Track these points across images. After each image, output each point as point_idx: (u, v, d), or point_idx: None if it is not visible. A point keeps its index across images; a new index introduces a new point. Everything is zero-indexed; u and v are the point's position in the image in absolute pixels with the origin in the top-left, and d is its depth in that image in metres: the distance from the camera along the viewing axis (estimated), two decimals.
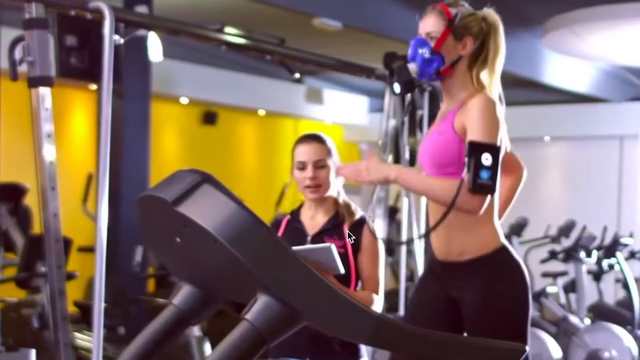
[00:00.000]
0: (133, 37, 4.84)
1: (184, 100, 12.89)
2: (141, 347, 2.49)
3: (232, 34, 5.02)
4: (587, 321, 8.48)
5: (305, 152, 3.80)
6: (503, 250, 3.44)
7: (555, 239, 10.19)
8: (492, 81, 3.51)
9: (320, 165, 3.79)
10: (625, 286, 9.61)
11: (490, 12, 3.55)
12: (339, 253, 3.63)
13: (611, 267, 9.48)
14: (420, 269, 6.31)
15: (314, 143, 3.81)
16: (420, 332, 2.31)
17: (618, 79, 13.13)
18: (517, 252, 3.19)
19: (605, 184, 13.50)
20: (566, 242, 9.90)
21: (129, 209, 8.25)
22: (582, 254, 8.72)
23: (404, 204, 6.52)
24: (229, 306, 2.53)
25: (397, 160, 6.21)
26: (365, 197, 11.80)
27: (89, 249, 7.49)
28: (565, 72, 12.28)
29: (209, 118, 13.41)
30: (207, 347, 6.42)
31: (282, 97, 13.79)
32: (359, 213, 3.87)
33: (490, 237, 3.45)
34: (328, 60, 5.86)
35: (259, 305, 2.12)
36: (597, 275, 9.77)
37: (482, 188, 3.19)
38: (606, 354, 7.99)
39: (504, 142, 3.44)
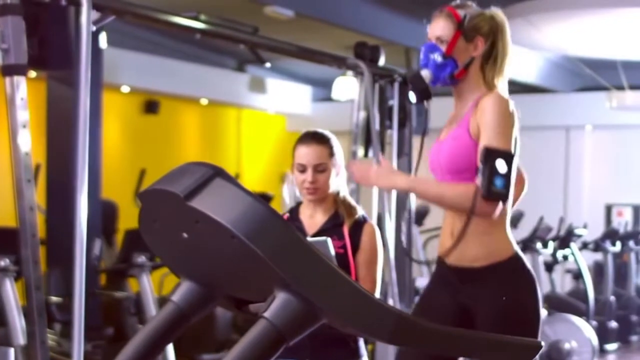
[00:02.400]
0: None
1: (125, 89, 12.68)
2: (140, 345, 2.38)
3: (207, 22, 4.86)
4: (544, 312, 8.49)
5: (306, 155, 3.72)
6: (516, 258, 3.41)
7: None
8: (500, 81, 3.46)
9: (320, 169, 3.71)
10: (577, 277, 9.70)
11: (497, 12, 3.51)
12: (338, 253, 3.59)
13: (565, 257, 9.55)
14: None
15: (315, 145, 3.72)
16: (440, 329, 2.26)
17: (565, 70, 13.20)
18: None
19: (551, 174, 13.51)
20: (517, 233, 9.94)
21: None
22: (539, 245, 8.77)
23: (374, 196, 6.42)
24: (229, 303, 2.44)
25: (367, 150, 6.14)
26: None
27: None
28: (513, 62, 12.29)
29: (151, 107, 13.21)
30: (169, 349, 6.26)
31: (224, 86, 13.64)
32: (359, 212, 3.80)
33: (504, 245, 3.41)
34: (299, 49, 5.76)
35: (278, 303, 2.05)
36: (550, 266, 9.85)
37: (496, 195, 3.16)
38: (567, 345, 8.03)
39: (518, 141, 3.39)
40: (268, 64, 5.38)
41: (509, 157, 3.16)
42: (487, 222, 3.31)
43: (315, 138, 3.75)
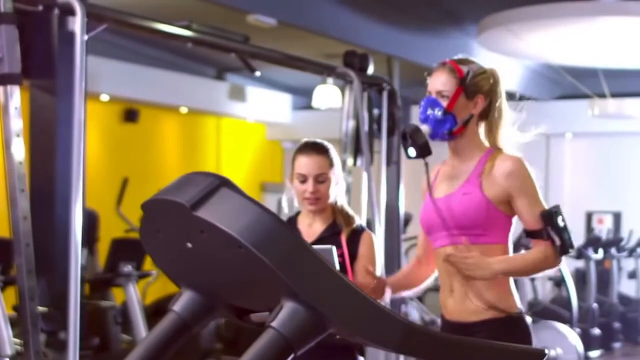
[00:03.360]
0: (65, 32, 4.70)
1: (105, 97, 12.62)
2: (142, 357, 2.37)
3: (199, 31, 4.85)
4: (528, 319, 8.51)
5: (306, 165, 3.74)
6: (519, 316, 3.45)
7: None
8: (504, 135, 3.49)
9: (321, 179, 3.73)
10: (558, 284, 9.72)
11: (495, 71, 3.50)
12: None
13: None
14: None
15: (315, 155, 3.75)
16: (447, 338, 2.26)
17: (545, 78, 13.24)
18: None
19: None
20: None
21: (63, 209, 8.00)
22: (522, 252, 8.77)
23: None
24: (231, 312, 2.43)
25: (356, 158, 6.14)
26: (288, 194, 11.71)
27: None
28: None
29: (130, 116, 13.15)
30: None
31: (204, 94, 13.60)
32: (357, 221, 3.82)
33: (508, 300, 3.45)
34: (290, 58, 5.75)
35: (286, 312, 2.05)
36: None
37: (569, 249, 3.41)
38: (552, 352, 8.05)
39: None
40: (258, 73, 5.37)
41: (560, 212, 3.40)
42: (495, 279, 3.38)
43: (315, 148, 3.77)
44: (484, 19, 9.70)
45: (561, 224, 3.35)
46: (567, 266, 10.03)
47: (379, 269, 3.79)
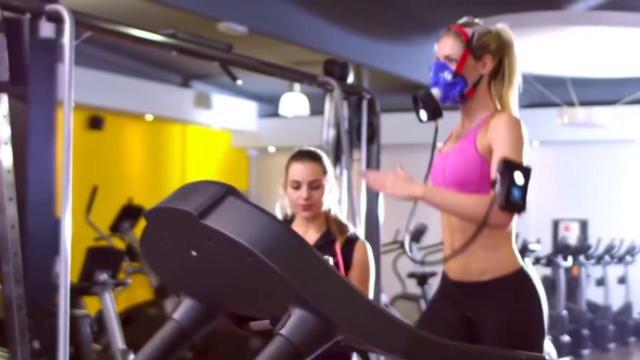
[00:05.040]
0: (37, 39, 4.67)
1: None
2: None
3: (183, 39, 4.83)
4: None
5: (300, 172, 3.77)
6: (522, 272, 3.42)
7: None
8: (511, 97, 3.49)
9: (315, 185, 3.77)
10: None
11: (504, 28, 3.52)
12: None
13: None
14: None
15: (309, 162, 3.79)
16: (452, 345, 2.30)
17: None
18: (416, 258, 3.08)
19: None
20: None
21: (36, 217, 7.92)
22: None
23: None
24: (230, 320, 2.42)
25: (336, 166, 6.13)
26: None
27: None
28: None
29: (95, 123, 13.05)
30: None
31: (170, 101, 13.53)
32: (350, 230, 3.85)
33: (511, 259, 3.43)
34: (270, 67, 5.74)
35: (295, 320, 2.08)
36: None
37: (513, 205, 3.09)
38: None
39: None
40: (240, 81, 5.35)
41: (526, 171, 3.10)
42: (493, 237, 3.33)
43: (309, 156, 3.81)
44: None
45: (518, 180, 3.07)
46: (537, 274, 10.09)
47: (373, 278, 3.79)
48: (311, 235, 3.81)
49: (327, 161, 3.84)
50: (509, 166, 3.10)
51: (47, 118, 8.71)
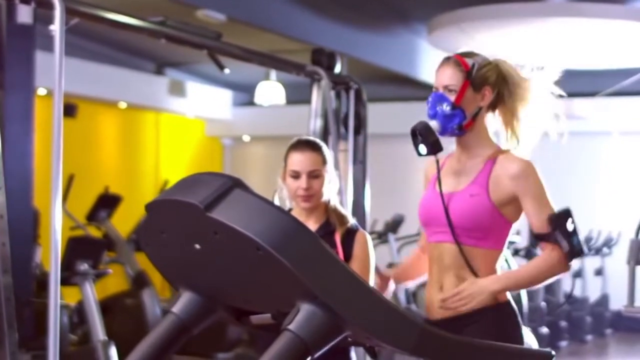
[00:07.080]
0: (14, 24, 4.61)
1: (42, 91, 12.39)
2: (141, 358, 2.32)
3: (173, 27, 4.77)
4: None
5: (299, 161, 3.72)
6: (508, 304, 3.40)
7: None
8: (518, 128, 3.48)
9: (314, 175, 3.72)
10: None
11: (502, 60, 3.48)
12: None
13: None
14: None
15: (309, 152, 3.73)
16: (460, 340, 2.29)
17: None
18: (392, 249, 3.06)
19: None
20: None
21: (13, 207, 7.82)
22: None
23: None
24: (229, 313, 2.38)
25: None
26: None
27: None
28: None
29: (68, 110, 12.89)
30: (113, 352, 6.17)
31: (143, 89, 13.42)
32: (350, 221, 3.80)
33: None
34: (258, 56, 5.70)
35: (303, 315, 2.06)
36: None
37: (579, 253, 3.31)
38: None
39: None
40: (227, 70, 5.30)
41: (570, 215, 3.33)
42: (484, 271, 3.36)
43: (309, 145, 3.76)
44: (434, 18, 9.72)
45: (570, 227, 3.29)
46: (515, 266, 10.12)
47: (374, 270, 3.74)
48: (310, 227, 3.69)
49: (326, 151, 3.79)
50: (558, 219, 3.31)
51: (24, 106, 8.60)
